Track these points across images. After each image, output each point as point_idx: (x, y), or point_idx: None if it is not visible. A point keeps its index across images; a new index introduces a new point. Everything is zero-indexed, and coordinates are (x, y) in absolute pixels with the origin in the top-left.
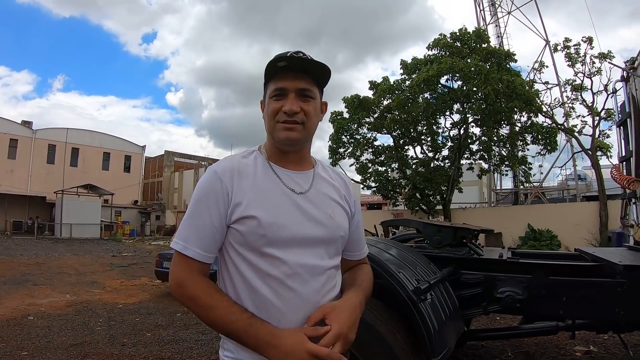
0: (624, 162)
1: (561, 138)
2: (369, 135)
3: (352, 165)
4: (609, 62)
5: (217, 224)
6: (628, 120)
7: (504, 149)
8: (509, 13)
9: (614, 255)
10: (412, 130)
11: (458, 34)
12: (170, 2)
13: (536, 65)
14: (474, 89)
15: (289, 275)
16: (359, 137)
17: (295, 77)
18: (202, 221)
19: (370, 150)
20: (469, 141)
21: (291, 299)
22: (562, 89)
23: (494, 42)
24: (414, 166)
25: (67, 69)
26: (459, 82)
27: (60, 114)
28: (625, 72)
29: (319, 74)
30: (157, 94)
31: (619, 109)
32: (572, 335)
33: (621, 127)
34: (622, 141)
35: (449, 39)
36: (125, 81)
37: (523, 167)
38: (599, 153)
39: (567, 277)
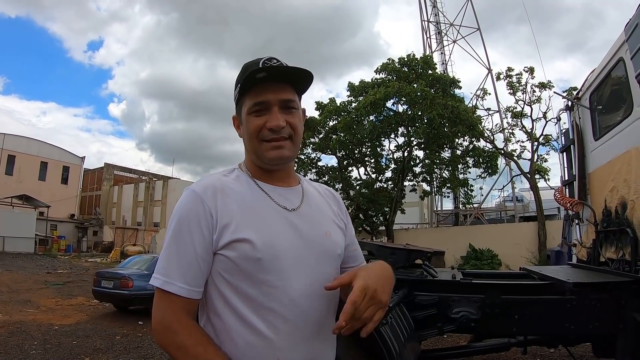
0: (567, 186)
1: (501, 162)
2: (313, 156)
3: None
4: (555, 92)
5: (201, 252)
6: (572, 146)
7: (446, 172)
8: (454, 42)
9: (561, 274)
10: (356, 151)
11: (406, 59)
12: (120, 10)
13: (479, 92)
14: (420, 113)
15: (288, 306)
16: (303, 157)
17: (277, 88)
18: (184, 250)
19: (314, 170)
20: (412, 163)
21: (291, 334)
22: (503, 115)
23: (439, 68)
24: (357, 187)
25: (8, 70)
26: (405, 106)
27: None
28: (570, 101)
29: (301, 81)
30: (99, 103)
31: (562, 136)
32: (523, 351)
33: (564, 153)
34: (566, 166)
35: (397, 64)
36: (67, 88)
37: (465, 189)
38: (537, 176)
39: (519, 295)
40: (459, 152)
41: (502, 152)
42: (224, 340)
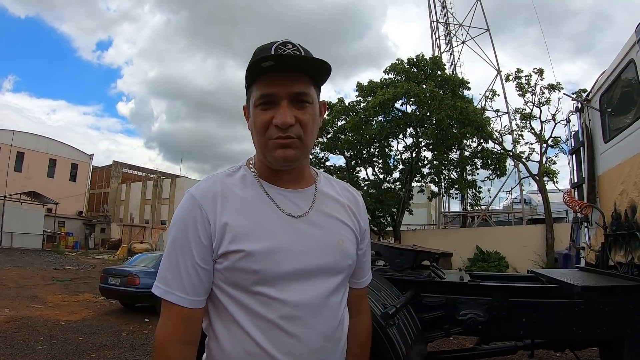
0: (576, 188)
1: (509, 163)
2: (321, 155)
3: None
4: (565, 94)
5: (199, 260)
6: (581, 148)
7: (454, 173)
8: (463, 42)
9: (569, 277)
10: (364, 152)
11: (415, 59)
12: (130, 9)
13: (488, 94)
14: (428, 113)
15: (287, 318)
16: (311, 156)
17: (287, 79)
18: (182, 259)
19: (321, 170)
20: (421, 164)
21: (292, 346)
22: (512, 117)
23: (447, 69)
24: (365, 187)
25: (19, 69)
26: (414, 107)
27: (7, 115)
28: (579, 103)
29: (317, 71)
30: (108, 102)
31: (572, 138)
32: (530, 355)
33: (574, 155)
34: (575, 168)
35: (405, 64)
36: (77, 87)
37: (473, 190)
38: (545, 178)
39: (526, 298)
40: (467, 154)
41: (511, 153)
42: (225, 346)
